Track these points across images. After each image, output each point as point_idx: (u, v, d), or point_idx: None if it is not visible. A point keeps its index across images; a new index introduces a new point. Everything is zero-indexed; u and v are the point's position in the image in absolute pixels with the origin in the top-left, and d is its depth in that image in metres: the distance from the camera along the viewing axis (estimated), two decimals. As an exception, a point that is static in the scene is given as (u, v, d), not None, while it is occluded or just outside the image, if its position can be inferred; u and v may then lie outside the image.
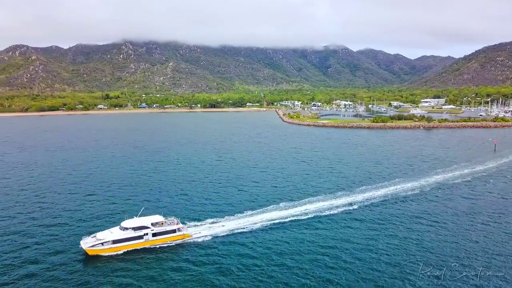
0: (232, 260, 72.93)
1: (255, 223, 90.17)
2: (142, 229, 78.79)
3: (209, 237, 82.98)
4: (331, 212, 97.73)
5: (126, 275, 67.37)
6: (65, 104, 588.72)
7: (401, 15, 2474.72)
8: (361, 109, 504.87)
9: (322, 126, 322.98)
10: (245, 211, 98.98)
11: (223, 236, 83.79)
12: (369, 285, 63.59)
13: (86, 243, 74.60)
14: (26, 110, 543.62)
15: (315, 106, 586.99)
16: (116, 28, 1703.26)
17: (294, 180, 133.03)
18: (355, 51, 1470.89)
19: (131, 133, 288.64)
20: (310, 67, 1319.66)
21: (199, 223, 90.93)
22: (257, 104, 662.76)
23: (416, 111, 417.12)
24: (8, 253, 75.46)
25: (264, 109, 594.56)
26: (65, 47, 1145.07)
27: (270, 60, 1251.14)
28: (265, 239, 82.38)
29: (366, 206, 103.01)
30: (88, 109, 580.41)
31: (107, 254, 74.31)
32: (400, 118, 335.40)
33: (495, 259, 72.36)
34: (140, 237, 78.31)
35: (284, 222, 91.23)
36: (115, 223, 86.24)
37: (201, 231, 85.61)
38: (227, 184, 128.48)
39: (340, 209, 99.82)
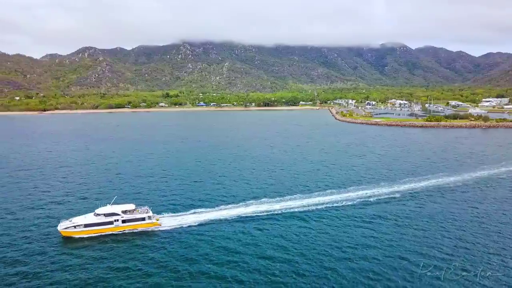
0: (185, 248, 78.12)
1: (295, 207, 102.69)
2: (112, 215, 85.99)
3: (180, 227, 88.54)
4: (365, 200, 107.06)
5: (87, 255, 75.37)
6: (130, 102, 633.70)
7: (464, 10, 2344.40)
8: (416, 108, 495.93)
9: (375, 124, 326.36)
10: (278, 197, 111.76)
11: (198, 225, 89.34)
12: (368, 284, 63.92)
13: (62, 226, 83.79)
14: (97, 108, 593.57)
15: (369, 105, 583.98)
16: (175, 29, 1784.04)
17: (341, 171, 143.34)
18: (413, 48, 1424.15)
19: (194, 129, 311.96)
20: (365, 65, 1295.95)
21: (199, 210, 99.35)
22: (310, 102, 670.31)
23: (475, 111, 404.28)
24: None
25: (317, 108, 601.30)
26: (129, 48, 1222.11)
27: (325, 58, 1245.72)
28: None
29: (400, 197, 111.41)
30: (150, 107, 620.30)
31: (78, 236, 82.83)
32: (455, 117, 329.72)
33: (496, 258, 72.01)
34: (110, 222, 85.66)
35: (315, 209, 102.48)
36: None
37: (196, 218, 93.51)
38: (281, 173, 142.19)
39: (375, 198, 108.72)
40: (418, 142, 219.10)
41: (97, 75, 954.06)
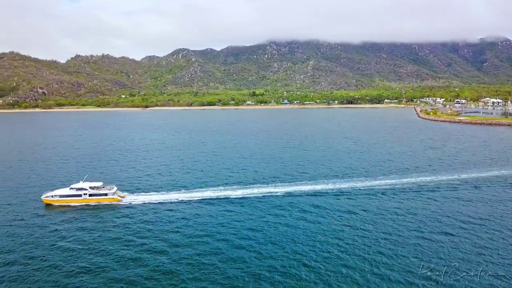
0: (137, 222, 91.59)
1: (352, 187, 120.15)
2: (82, 190, 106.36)
3: (142, 203, 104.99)
4: (393, 187, 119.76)
5: (57, 215, 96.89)
6: (220, 100, 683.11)
7: None
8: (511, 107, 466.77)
9: (458, 122, 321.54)
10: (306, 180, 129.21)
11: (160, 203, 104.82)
12: (368, 284, 63.00)
13: (44, 195, 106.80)
14: (191, 105, 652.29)
15: (459, 103, 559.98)
16: (262, 29, 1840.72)
17: (408, 159, 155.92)
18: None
19: (280, 124, 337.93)
20: (461, 62, 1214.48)
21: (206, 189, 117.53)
22: (395, 100, 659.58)
23: None
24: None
25: (402, 106, 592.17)
26: (218, 49, 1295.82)
27: (415, 55, 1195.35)
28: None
29: (458, 185, 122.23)
30: (238, 105, 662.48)
31: (54, 204, 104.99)
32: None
33: (496, 258, 70.75)
34: (79, 195, 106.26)
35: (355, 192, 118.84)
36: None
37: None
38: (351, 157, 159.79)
39: (432, 185, 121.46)
40: (500, 139, 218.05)
41: (190, 75, 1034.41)
